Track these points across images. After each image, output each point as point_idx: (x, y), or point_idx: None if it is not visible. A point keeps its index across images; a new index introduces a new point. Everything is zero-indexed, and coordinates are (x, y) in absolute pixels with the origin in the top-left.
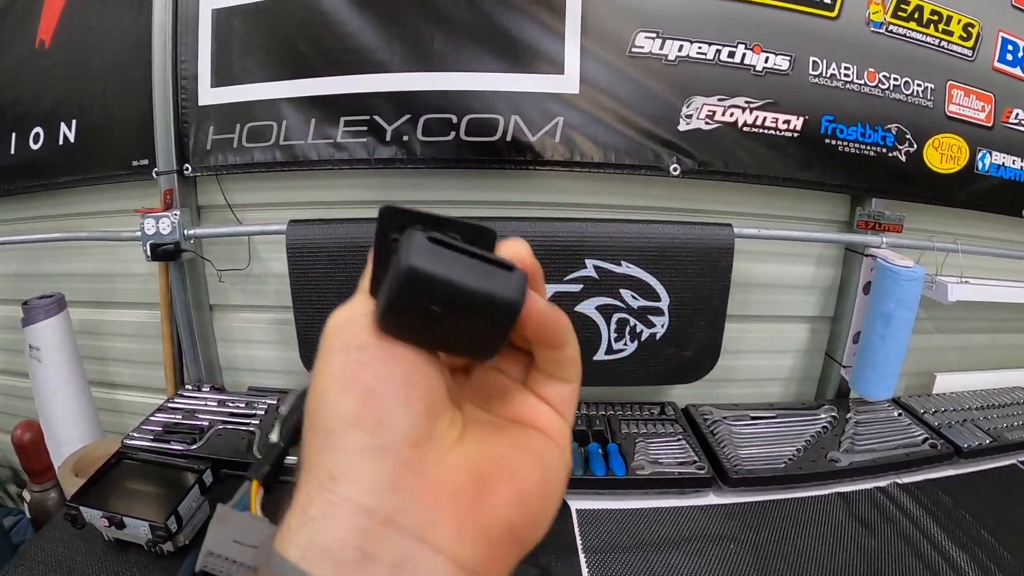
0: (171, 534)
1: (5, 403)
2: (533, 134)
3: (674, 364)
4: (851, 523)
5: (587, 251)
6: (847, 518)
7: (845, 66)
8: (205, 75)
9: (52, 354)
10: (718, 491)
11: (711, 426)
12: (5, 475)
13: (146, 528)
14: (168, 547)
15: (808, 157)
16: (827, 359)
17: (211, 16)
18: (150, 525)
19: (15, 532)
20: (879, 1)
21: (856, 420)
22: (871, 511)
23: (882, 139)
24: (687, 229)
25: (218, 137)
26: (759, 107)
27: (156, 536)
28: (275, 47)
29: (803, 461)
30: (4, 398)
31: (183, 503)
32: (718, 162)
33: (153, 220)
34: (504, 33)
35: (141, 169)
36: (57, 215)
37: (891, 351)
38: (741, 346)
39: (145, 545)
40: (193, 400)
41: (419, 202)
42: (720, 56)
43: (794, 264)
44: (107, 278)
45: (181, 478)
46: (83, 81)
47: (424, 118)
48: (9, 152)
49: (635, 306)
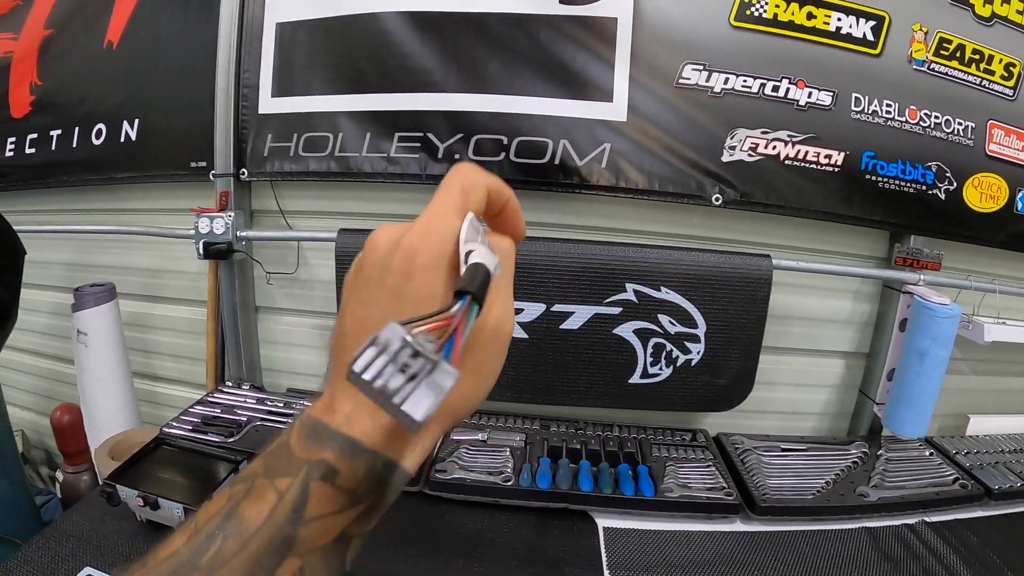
0: None
1: (47, 387)
2: (580, 159)
3: (708, 392)
4: (877, 559)
5: (628, 275)
6: (874, 553)
7: (887, 103)
8: (266, 85)
9: (99, 340)
10: (745, 519)
11: (741, 455)
12: (39, 456)
13: (180, 511)
14: None
15: (848, 192)
16: (860, 395)
17: (275, 29)
18: (184, 508)
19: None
20: (921, 39)
21: (887, 457)
22: (898, 548)
23: (922, 176)
24: (727, 258)
25: (275, 145)
26: (801, 141)
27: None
28: (335, 62)
29: (832, 494)
30: (46, 382)
31: (217, 490)
32: (759, 194)
33: (208, 220)
34: (557, 60)
35: (199, 171)
36: (111, 209)
37: (925, 388)
38: (775, 378)
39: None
40: (232, 396)
41: None
42: (764, 90)
43: (831, 298)
44: (157, 273)
45: (216, 467)
46: (148, 83)
47: (476, 138)
48: (71, 146)
49: (672, 332)
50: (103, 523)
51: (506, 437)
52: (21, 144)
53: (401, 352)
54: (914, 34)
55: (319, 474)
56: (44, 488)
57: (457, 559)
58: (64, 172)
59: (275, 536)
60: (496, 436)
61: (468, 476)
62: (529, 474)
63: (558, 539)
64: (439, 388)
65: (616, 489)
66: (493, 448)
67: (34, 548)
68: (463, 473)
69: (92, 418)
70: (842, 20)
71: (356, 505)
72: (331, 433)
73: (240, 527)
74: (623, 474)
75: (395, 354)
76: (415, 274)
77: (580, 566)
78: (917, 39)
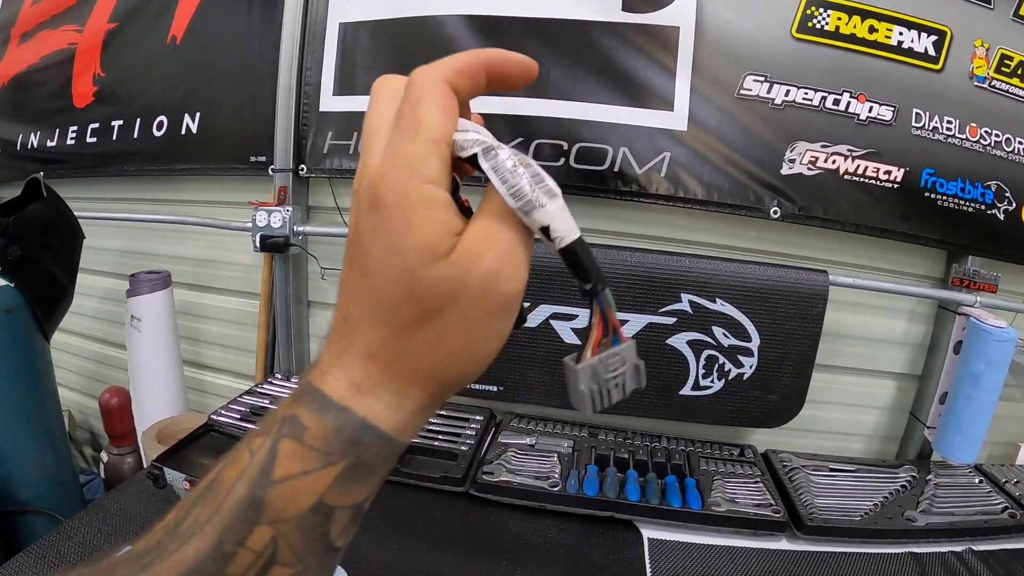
0: None
1: (96, 370)
2: (640, 167)
3: (759, 407)
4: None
5: (683, 285)
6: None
7: (948, 119)
8: (328, 83)
9: (151, 326)
10: (791, 537)
11: (789, 472)
12: (83, 437)
13: None
14: None
15: (907, 209)
16: (911, 419)
17: (338, 29)
18: None
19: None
20: (983, 55)
21: (936, 482)
22: (943, 575)
23: (981, 195)
24: (783, 272)
25: (335, 142)
26: (861, 156)
27: None
28: (397, 63)
29: (879, 517)
30: (96, 365)
31: None
32: (818, 208)
33: (265, 213)
34: (618, 67)
35: (258, 165)
36: (168, 199)
37: (978, 413)
38: (825, 397)
39: None
40: (281, 388)
41: None
42: (825, 103)
43: (885, 318)
44: (210, 264)
45: None
46: (210, 78)
47: (536, 142)
48: (132, 136)
49: (726, 344)
50: (147, 504)
51: (554, 443)
52: (82, 133)
53: (606, 376)
54: (975, 50)
55: (288, 431)
56: (87, 468)
57: (500, 561)
58: (124, 162)
59: (244, 499)
60: (544, 441)
61: (515, 480)
62: (576, 481)
63: (602, 547)
64: (635, 363)
65: (663, 500)
66: (541, 453)
67: (76, 524)
68: (510, 476)
69: (140, 402)
70: (904, 34)
71: (328, 467)
72: (307, 389)
73: (217, 491)
74: (670, 486)
75: (602, 386)
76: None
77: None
78: (979, 55)
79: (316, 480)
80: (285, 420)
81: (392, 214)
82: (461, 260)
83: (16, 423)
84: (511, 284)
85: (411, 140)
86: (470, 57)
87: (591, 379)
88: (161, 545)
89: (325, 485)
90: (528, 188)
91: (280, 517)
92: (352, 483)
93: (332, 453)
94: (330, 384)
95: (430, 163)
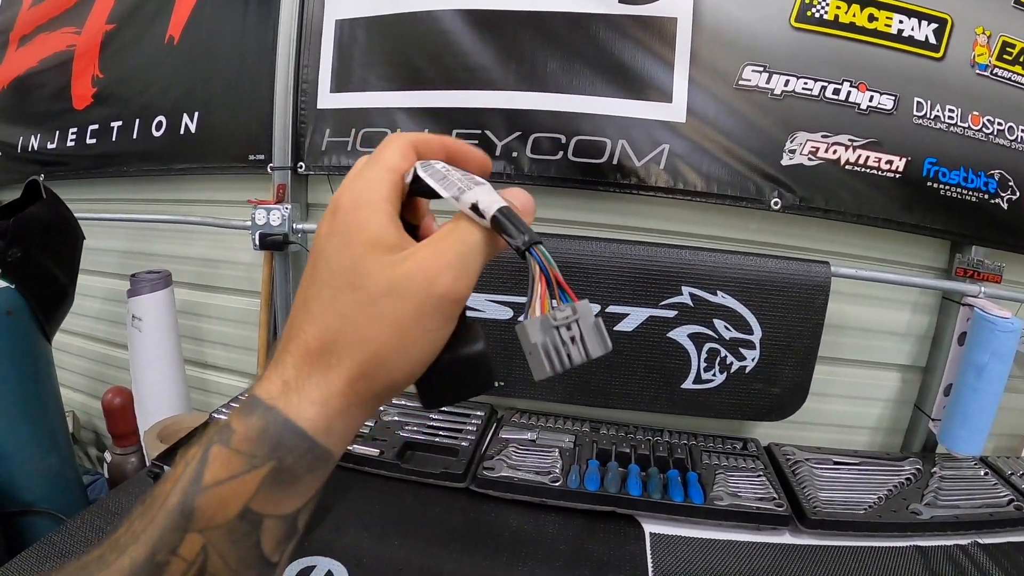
0: None
1: (98, 370)
2: (639, 159)
3: (761, 400)
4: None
5: (684, 278)
6: (924, 573)
7: (949, 108)
8: (325, 81)
9: (152, 326)
10: (794, 531)
11: (792, 466)
12: (88, 437)
13: None
14: None
15: (909, 199)
16: (916, 410)
17: (334, 26)
18: None
19: (91, 490)
20: (984, 43)
21: (941, 475)
22: (949, 568)
23: (984, 185)
24: (785, 264)
25: (334, 139)
26: (862, 146)
27: None
28: (394, 59)
29: (884, 510)
30: (98, 365)
31: None
32: (819, 199)
33: (264, 211)
34: (616, 60)
35: (256, 163)
36: (167, 199)
37: (983, 404)
38: (828, 389)
39: None
40: None
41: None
42: (825, 92)
43: (888, 309)
44: (211, 263)
45: None
46: (208, 77)
47: (534, 136)
48: (131, 137)
49: (727, 337)
50: None
51: (555, 438)
52: (82, 135)
53: (554, 332)
54: (977, 37)
55: (219, 437)
56: (92, 469)
57: (501, 557)
58: (123, 162)
59: (175, 507)
60: (545, 436)
61: (516, 475)
62: (577, 476)
63: (604, 542)
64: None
65: (665, 495)
66: (542, 448)
67: (78, 524)
68: (511, 472)
69: (143, 401)
70: (904, 22)
71: (253, 470)
72: (246, 396)
73: (153, 502)
74: (672, 480)
75: (555, 340)
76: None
77: (625, 571)
78: (980, 43)
79: (242, 485)
80: (220, 428)
81: (346, 217)
82: (403, 256)
83: (18, 424)
84: (448, 286)
85: (371, 167)
86: (436, 138)
87: (542, 331)
88: (102, 558)
89: (251, 490)
90: (457, 180)
91: (209, 525)
92: (278, 490)
93: (256, 456)
94: (263, 386)
95: (382, 184)
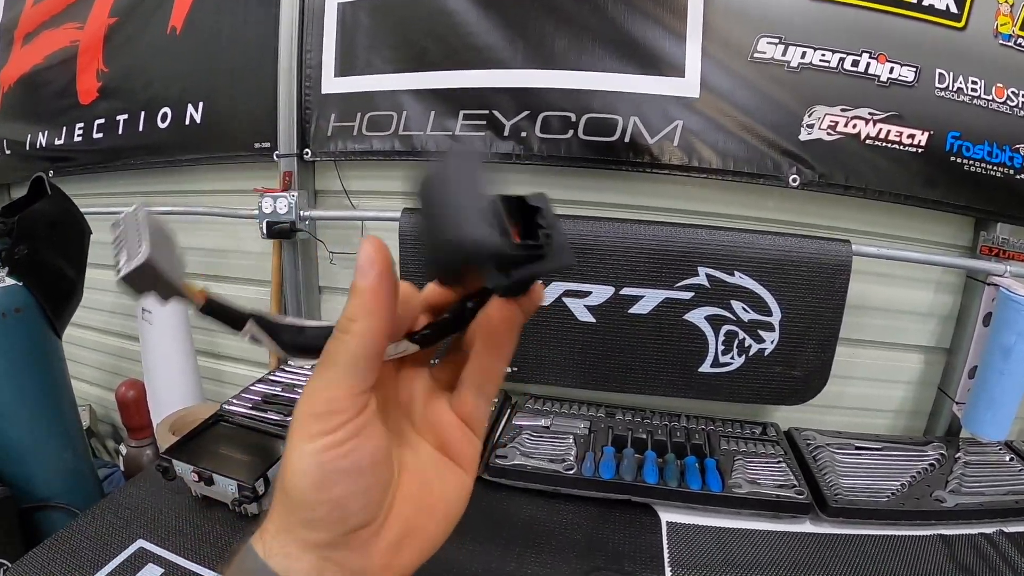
0: (257, 496)
1: (113, 363)
2: (652, 136)
3: (781, 384)
4: (952, 568)
5: (700, 258)
6: (948, 563)
7: (972, 80)
8: (329, 65)
9: (163, 318)
10: (815, 520)
11: (813, 452)
12: (105, 430)
13: (234, 487)
14: (252, 509)
15: (932, 175)
16: (939, 393)
17: (337, 9)
18: (238, 484)
19: (107, 483)
20: (1007, 12)
21: (965, 460)
22: (974, 558)
23: (1009, 159)
24: (804, 243)
25: (339, 125)
26: (883, 119)
27: (242, 496)
28: (398, 41)
29: (907, 497)
30: (113, 358)
31: (272, 468)
32: (839, 175)
33: (271, 199)
34: (626, 34)
35: (262, 151)
36: (175, 190)
37: (1009, 387)
38: (850, 372)
39: (230, 504)
40: (294, 375)
41: None
42: (844, 64)
43: (911, 289)
44: (221, 253)
45: (273, 445)
46: (211, 66)
47: (543, 115)
48: (137, 130)
49: (746, 319)
50: (159, 497)
51: (570, 424)
52: (89, 129)
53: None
54: (999, 7)
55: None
56: (109, 461)
57: (514, 547)
58: (130, 155)
59: None
60: (559, 423)
61: (529, 463)
62: (592, 463)
63: (619, 532)
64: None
65: (682, 482)
66: (556, 435)
67: (89, 518)
68: (524, 459)
69: (155, 394)
70: None
71: None
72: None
73: None
74: (690, 467)
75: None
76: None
77: (640, 561)
78: (1003, 12)
79: None
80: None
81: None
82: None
83: (32, 421)
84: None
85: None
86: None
87: None
88: None
89: None
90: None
91: None
92: None
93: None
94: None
95: None
